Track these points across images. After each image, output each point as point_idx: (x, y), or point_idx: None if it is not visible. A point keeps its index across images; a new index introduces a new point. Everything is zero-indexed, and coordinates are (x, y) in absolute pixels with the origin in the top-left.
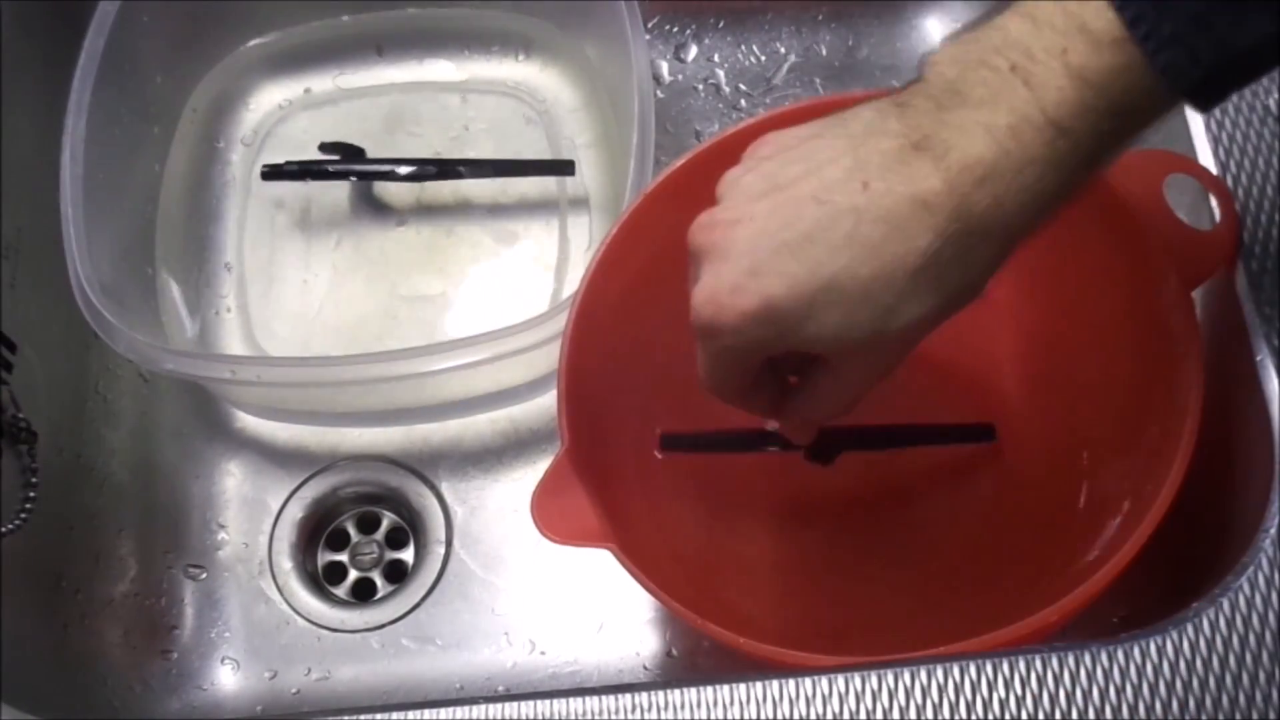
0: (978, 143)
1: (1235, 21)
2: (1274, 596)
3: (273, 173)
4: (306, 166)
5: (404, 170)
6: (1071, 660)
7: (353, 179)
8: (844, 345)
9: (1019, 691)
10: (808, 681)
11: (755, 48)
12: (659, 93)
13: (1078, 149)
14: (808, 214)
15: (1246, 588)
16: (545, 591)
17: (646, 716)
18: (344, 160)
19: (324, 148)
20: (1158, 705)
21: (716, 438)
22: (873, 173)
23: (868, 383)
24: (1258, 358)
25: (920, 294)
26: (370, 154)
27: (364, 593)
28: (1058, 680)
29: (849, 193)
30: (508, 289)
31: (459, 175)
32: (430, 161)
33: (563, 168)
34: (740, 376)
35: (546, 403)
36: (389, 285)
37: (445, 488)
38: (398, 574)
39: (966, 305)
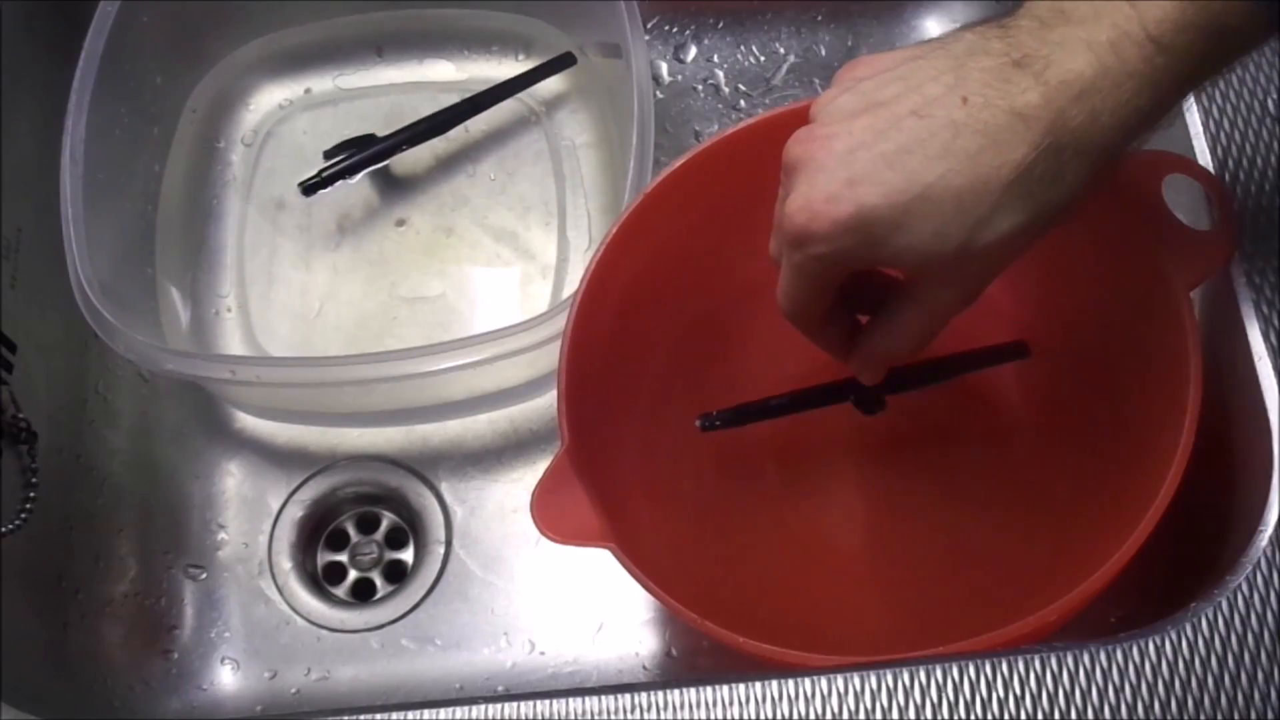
0: (1078, 58)
1: None
2: (1273, 596)
3: (314, 184)
4: (340, 166)
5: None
6: (1071, 660)
7: (383, 162)
8: (932, 261)
9: (1019, 691)
10: (807, 681)
11: (755, 48)
12: (659, 93)
13: (1174, 67)
14: (906, 126)
15: (1246, 588)
16: (545, 591)
17: (646, 716)
18: (362, 149)
19: (330, 152)
20: (1157, 705)
21: (770, 404)
22: (972, 88)
23: (949, 311)
24: (1256, 357)
25: (1012, 207)
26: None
27: (364, 593)
28: (1057, 680)
29: (948, 107)
30: (508, 289)
31: (478, 109)
32: (446, 111)
33: (564, 61)
34: (823, 296)
35: (546, 403)
36: (389, 285)
37: (445, 488)
38: (397, 574)
39: (1056, 225)
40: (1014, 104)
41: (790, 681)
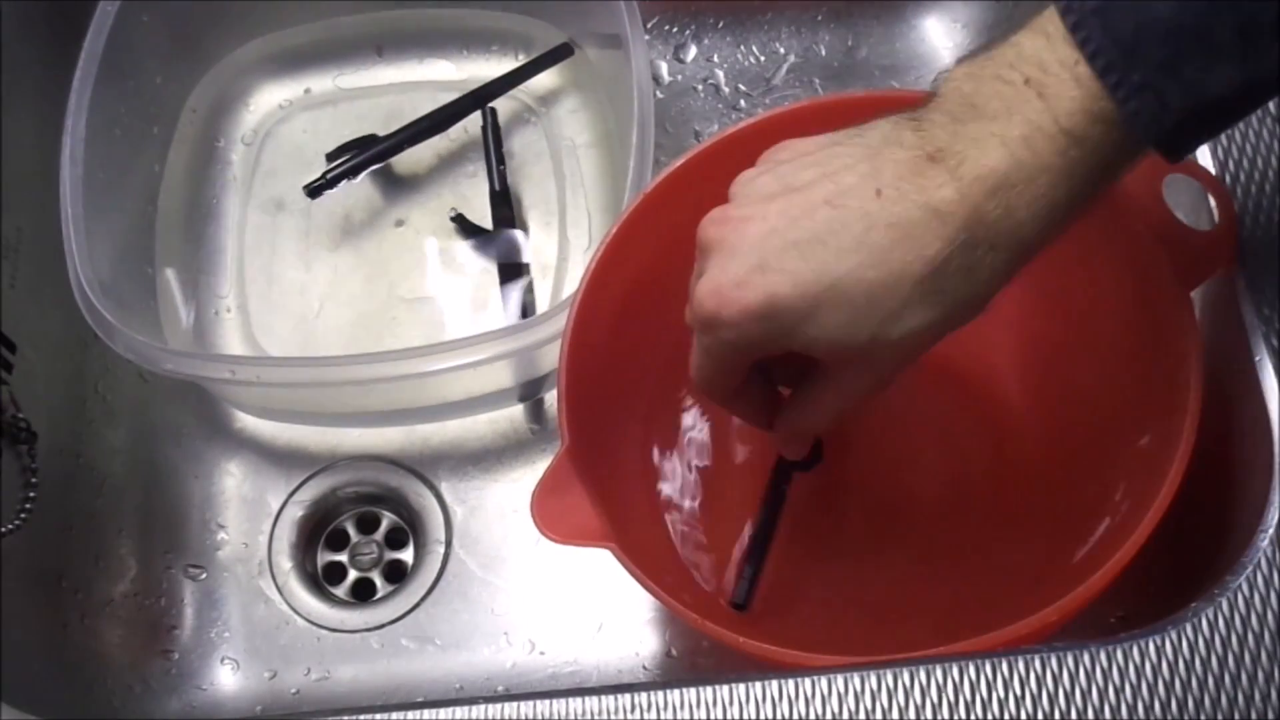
0: (991, 153)
1: (1204, 68)
2: (1273, 596)
3: (319, 185)
4: (345, 167)
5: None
6: (1071, 660)
7: (385, 161)
8: (843, 350)
9: (1019, 691)
10: (807, 681)
11: (755, 48)
12: (659, 93)
13: (1089, 159)
14: (820, 216)
15: (1246, 588)
16: (545, 591)
17: (646, 716)
18: (364, 150)
19: (333, 154)
20: (1157, 705)
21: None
22: (886, 180)
23: (863, 393)
24: (1257, 358)
25: (924, 302)
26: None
27: (364, 593)
28: (1057, 680)
29: (862, 198)
30: (507, 289)
31: (480, 104)
32: (448, 107)
33: (562, 52)
34: (732, 375)
35: (546, 403)
36: (389, 285)
37: (445, 488)
38: (397, 574)
39: (968, 321)
40: (929, 199)
41: (790, 681)
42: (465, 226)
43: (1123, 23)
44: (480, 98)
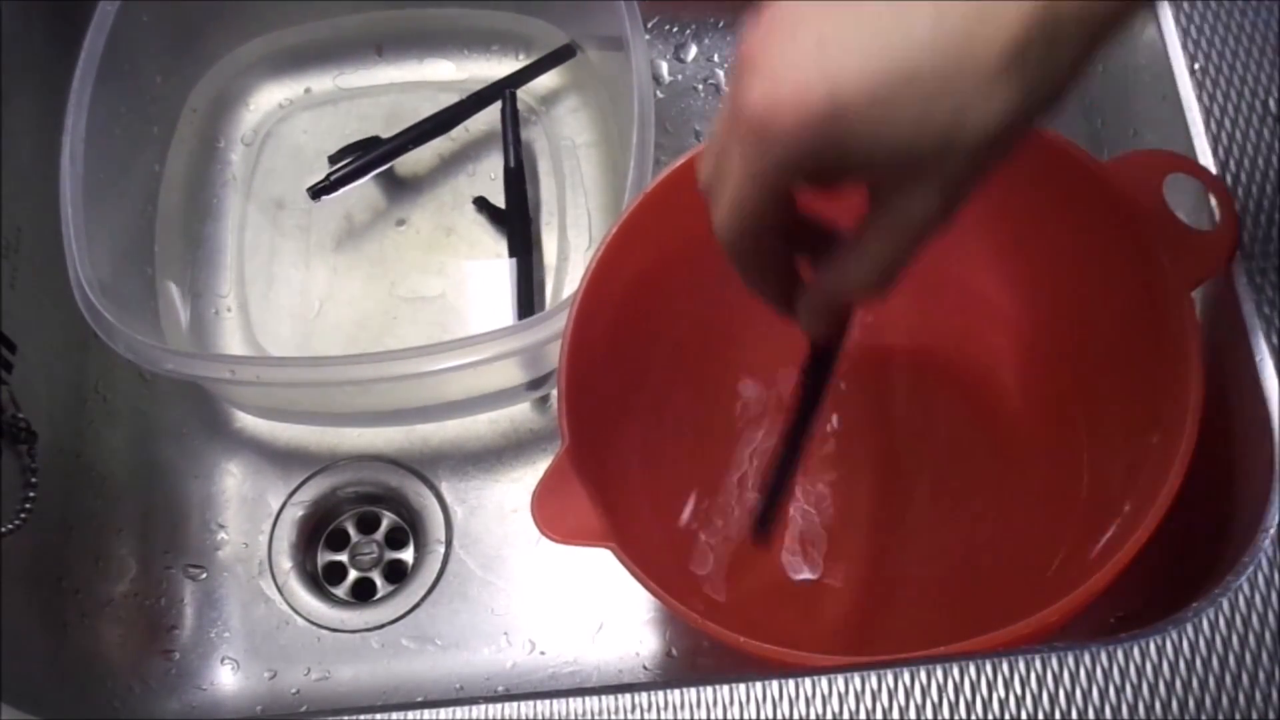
0: None
1: None
2: (1274, 596)
3: (323, 188)
4: (349, 169)
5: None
6: (1071, 660)
7: (389, 163)
8: (912, 154)
9: (1019, 691)
10: (807, 681)
11: None
12: (659, 93)
13: None
14: (880, 6)
15: (1246, 588)
16: (545, 591)
17: (646, 716)
18: (366, 152)
19: (335, 156)
20: (1157, 705)
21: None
22: None
23: (928, 222)
24: (1258, 358)
25: (1002, 89)
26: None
27: (364, 593)
28: (1057, 680)
29: None
30: (508, 289)
31: (482, 104)
32: (450, 109)
33: (564, 54)
34: (774, 212)
35: (547, 401)
36: (389, 285)
37: (445, 488)
38: (397, 574)
39: (1043, 115)
40: None
41: (790, 681)
42: (489, 210)
43: None
44: (482, 99)
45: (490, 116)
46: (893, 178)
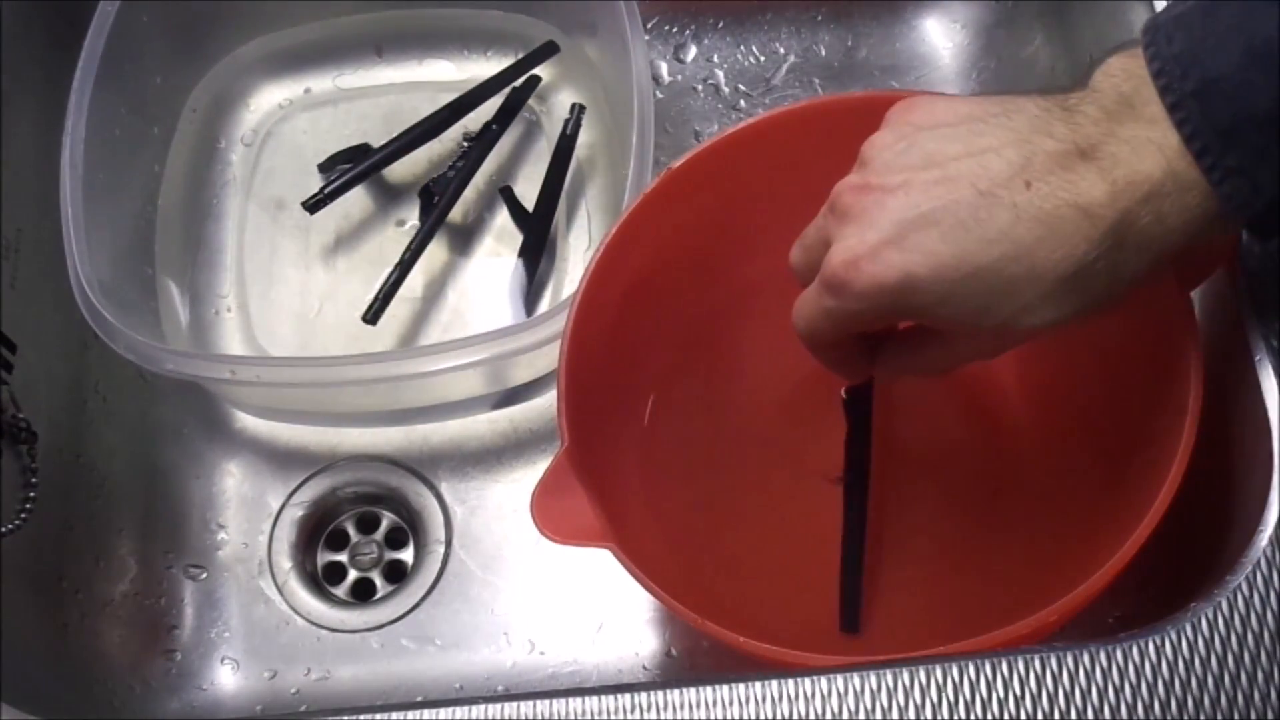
0: (1147, 160)
1: None
2: (1273, 596)
3: (317, 201)
4: (342, 181)
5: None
6: (1070, 660)
7: (378, 171)
8: (969, 330)
9: (1019, 691)
10: (807, 681)
11: (755, 48)
12: (659, 93)
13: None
14: (965, 199)
15: (1246, 588)
16: (545, 591)
17: (646, 716)
18: (355, 161)
19: (324, 165)
20: (1157, 705)
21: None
22: (1036, 173)
23: (975, 359)
24: (1257, 358)
25: (1063, 298)
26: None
27: (364, 593)
28: (1057, 680)
29: (1011, 188)
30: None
31: (469, 108)
32: (439, 113)
33: (547, 51)
34: (844, 336)
35: (546, 403)
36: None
37: (445, 488)
38: (397, 574)
39: (1103, 314)
40: (1079, 198)
41: (790, 681)
42: (511, 202)
43: (1221, 109)
44: (470, 101)
45: (488, 117)
46: (953, 332)
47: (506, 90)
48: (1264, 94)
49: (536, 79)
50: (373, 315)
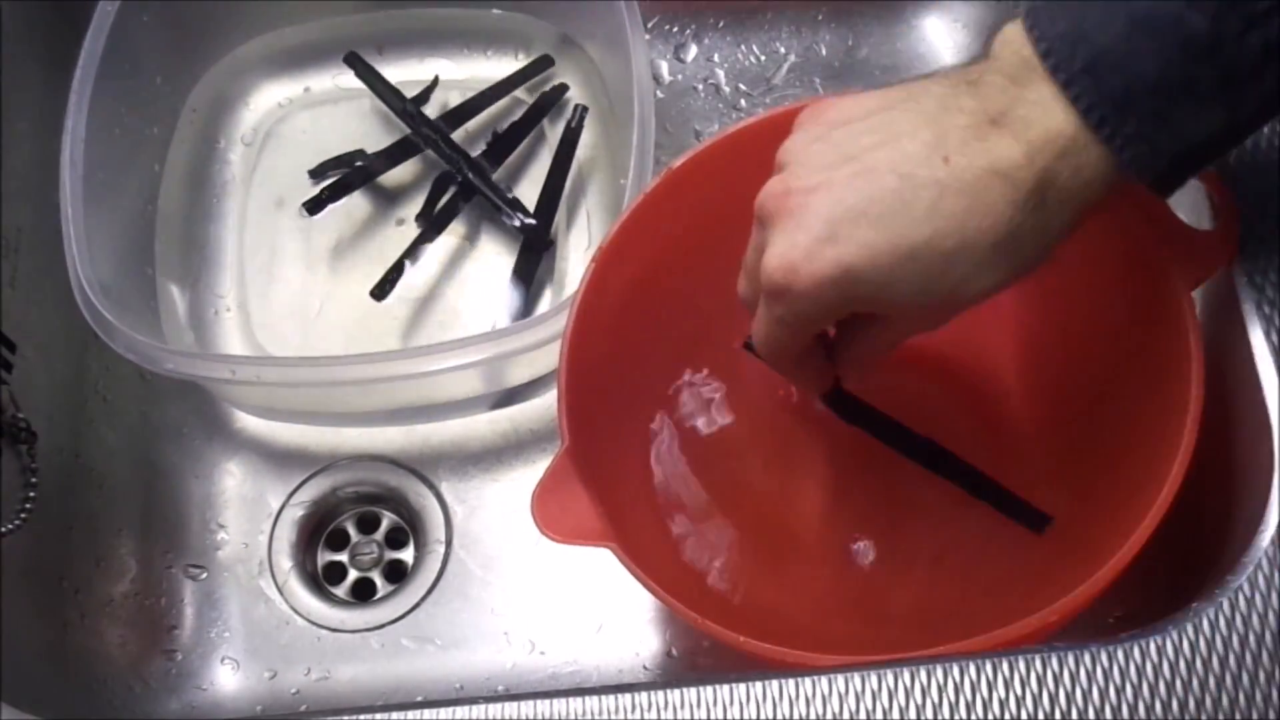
0: (1057, 116)
1: (1191, 115)
2: (1274, 596)
3: (316, 202)
4: (342, 181)
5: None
6: (1071, 660)
7: (375, 178)
8: (911, 310)
9: (1019, 691)
10: (808, 681)
11: (755, 48)
12: (659, 93)
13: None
14: (888, 185)
15: (1246, 587)
16: (545, 591)
17: (646, 716)
18: (347, 166)
19: (315, 171)
20: (1157, 705)
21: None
22: (952, 147)
23: (922, 330)
24: (1257, 358)
25: (998, 263)
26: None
27: (364, 593)
28: (1057, 680)
29: (930, 166)
30: (508, 289)
31: (461, 120)
32: (429, 124)
33: (543, 64)
34: (799, 341)
35: (546, 403)
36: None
37: (445, 488)
38: (397, 574)
39: (1034, 271)
40: (998, 164)
41: (790, 681)
42: (513, 205)
43: (1112, 81)
44: (463, 113)
45: (489, 117)
46: (896, 314)
47: (514, 95)
48: (1150, 61)
49: (564, 86)
50: (379, 290)
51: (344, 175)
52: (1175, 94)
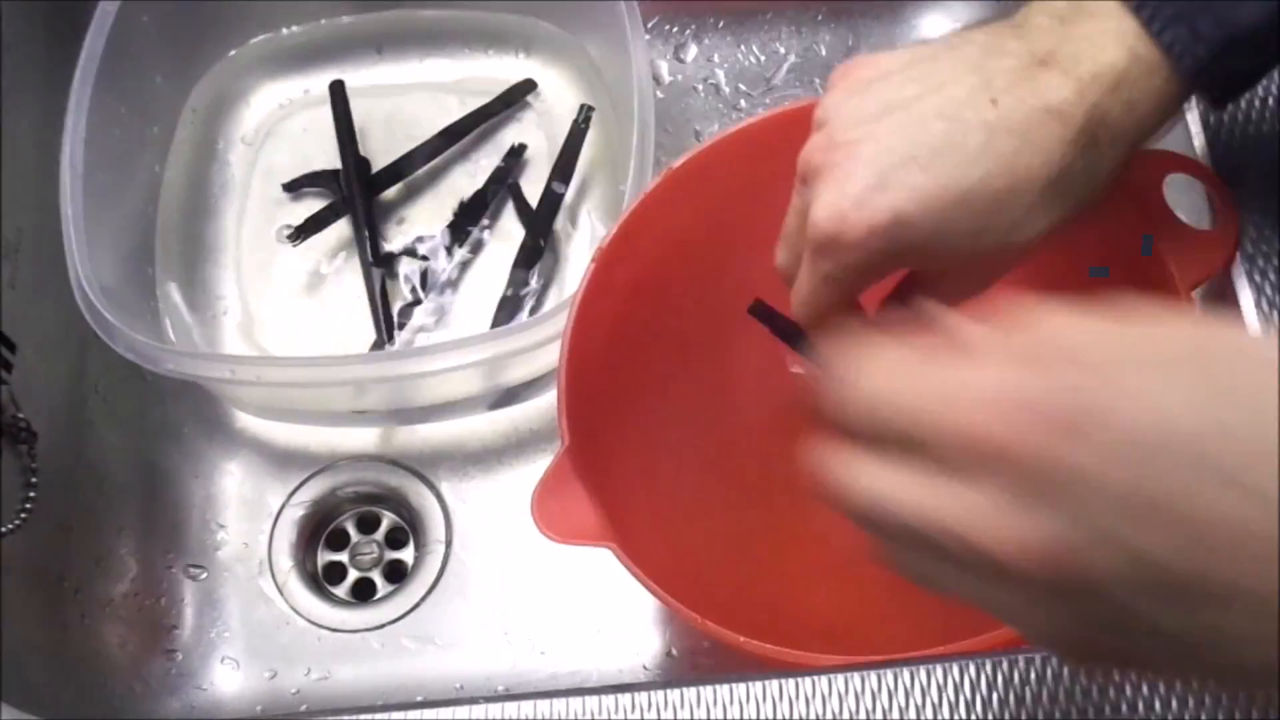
0: (1109, 50)
1: (1233, 2)
2: None
3: (298, 231)
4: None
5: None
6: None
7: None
8: (965, 259)
9: (1019, 691)
10: (808, 681)
11: (755, 48)
12: (659, 93)
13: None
14: (936, 129)
15: None
16: (545, 591)
17: (646, 716)
18: (326, 184)
19: (289, 185)
20: (1157, 705)
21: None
22: (999, 89)
23: (974, 293)
24: None
25: (1051, 204)
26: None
27: (364, 593)
28: (1057, 680)
29: (978, 108)
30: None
31: (448, 145)
32: (416, 151)
33: (525, 89)
34: (844, 301)
35: (546, 403)
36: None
37: (445, 488)
38: (397, 574)
39: (1085, 211)
40: (1048, 102)
41: (790, 681)
42: (517, 199)
43: None
44: (454, 134)
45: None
46: (949, 266)
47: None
48: None
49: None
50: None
51: (319, 212)
52: None
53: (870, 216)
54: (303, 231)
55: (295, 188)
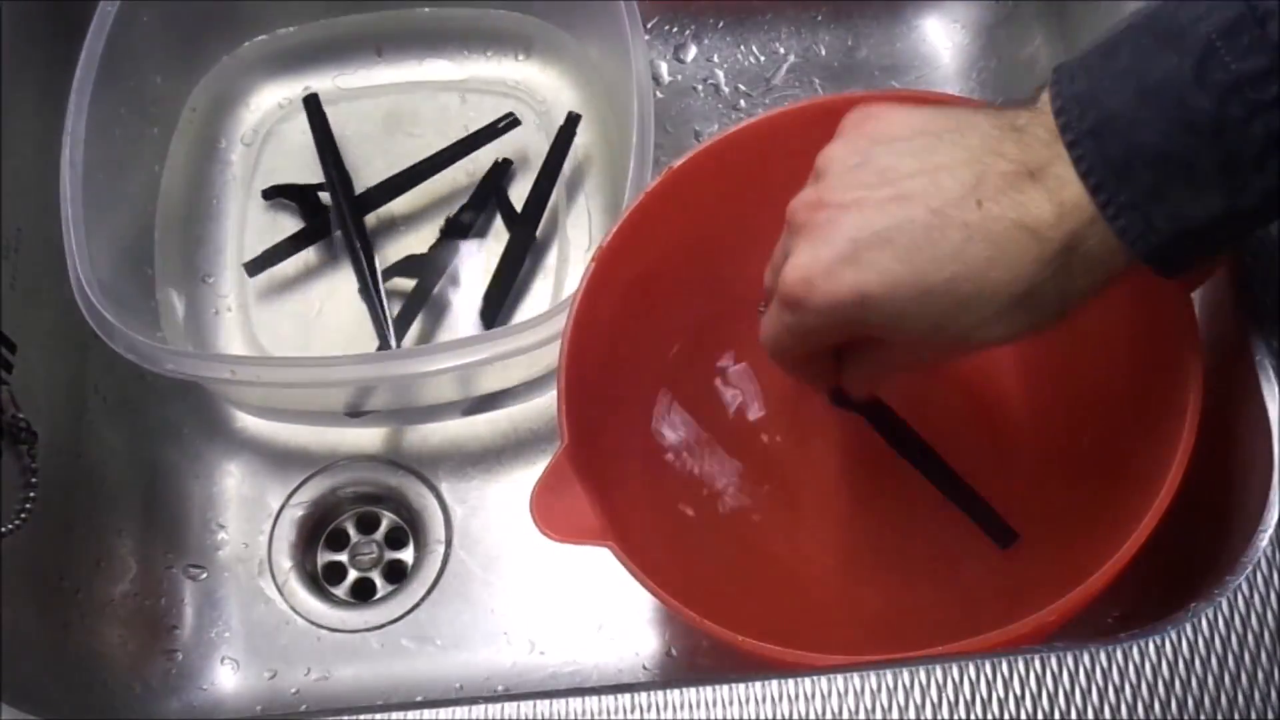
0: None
1: (1189, 196)
2: (1273, 596)
3: (258, 261)
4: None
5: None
6: (1070, 660)
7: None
8: (923, 343)
9: (1019, 691)
10: (807, 681)
11: (755, 48)
12: (659, 93)
13: None
14: (918, 218)
15: (1246, 587)
16: (545, 591)
17: (646, 716)
18: (299, 199)
19: (268, 193)
20: (1156, 705)
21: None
22: (988, 193)
23: (931, 364)
24: (1257, 358)
25: (1014, 316)
26: (353, 157)
27: (364, 593)
28: (1057, 680)
29: (964, 207)
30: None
31: (429, 174)
32: (397, 177)
33: (509, 124)
34: (805, 350)
35: (546, 403)
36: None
37: (445, 488)
38: (397, 574)
39: (1049, 329)
40: (1026, 219)
41: (790, 681)
42: (503, 206)
43: (1114, 146)
44: (420, 172)
45: (488, 118)
46: (907, 343)
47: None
48: (1153, 131)
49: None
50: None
51: (278, 244)
52: (1174, 171)
53: (835, 289)
54: (259, 264)
55: (272, 196)
